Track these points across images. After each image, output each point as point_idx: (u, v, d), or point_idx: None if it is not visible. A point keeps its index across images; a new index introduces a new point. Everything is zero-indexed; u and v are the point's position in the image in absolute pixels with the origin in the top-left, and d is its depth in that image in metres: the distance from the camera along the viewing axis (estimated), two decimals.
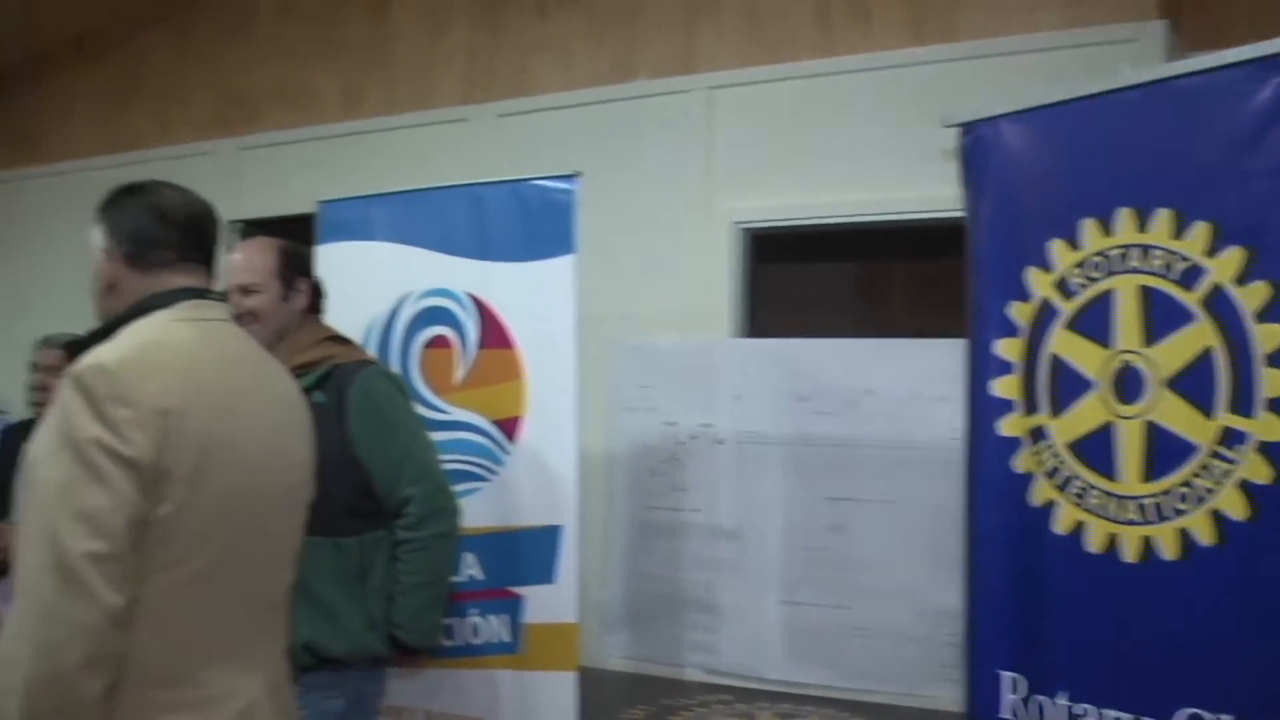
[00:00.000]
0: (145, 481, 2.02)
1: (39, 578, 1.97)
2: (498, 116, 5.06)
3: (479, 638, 3.87)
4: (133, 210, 2.30)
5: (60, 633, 1.94)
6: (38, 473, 2.05)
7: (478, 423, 3.89)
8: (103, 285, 2.29)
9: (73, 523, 1.96)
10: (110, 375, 2.05)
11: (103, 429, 2.01)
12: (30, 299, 6.38)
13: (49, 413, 2.13)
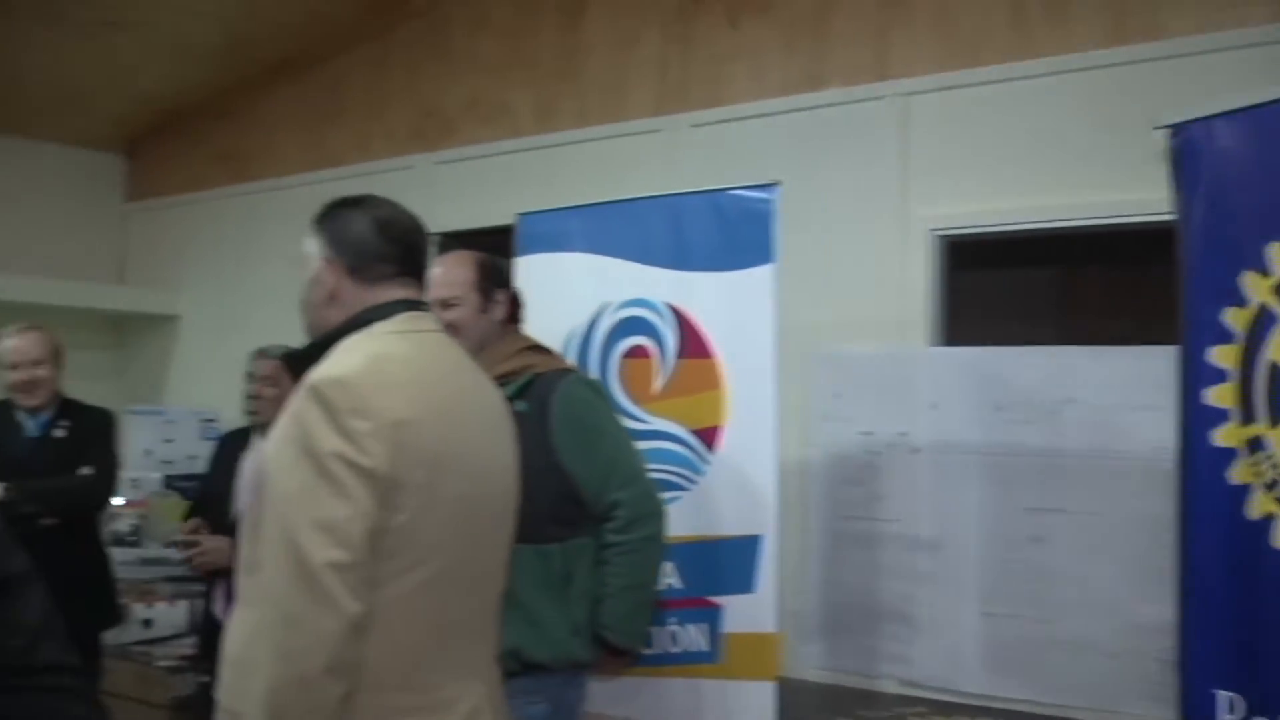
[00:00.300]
0: (382, 492, 2.07)
1: (280, 586, 2.03)
2: (690, 127, 5.08)
3: (677, 646, 3.89)
4: (354, 223, 2.36)
5: (304, 640, 2.00)
6: (275, 483, 2.11)
7: (677, 432, 3.91)
8: (322, 296, 2.35)
9: (315, 533, 2.02)
10: (348, 388, 2.10)
11: (342, 441, 2.06)
12: (239, 312, 6.61)
13: (279, 423, 2.20)
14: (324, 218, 2.38)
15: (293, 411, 2.14)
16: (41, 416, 4.72)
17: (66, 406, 4.81)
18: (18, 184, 6.96)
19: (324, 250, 2.35)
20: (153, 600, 5.77)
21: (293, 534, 2.03)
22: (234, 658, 2.21)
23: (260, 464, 2.20)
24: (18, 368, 4.65)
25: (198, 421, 6.39)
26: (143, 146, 7.38)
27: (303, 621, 2.00)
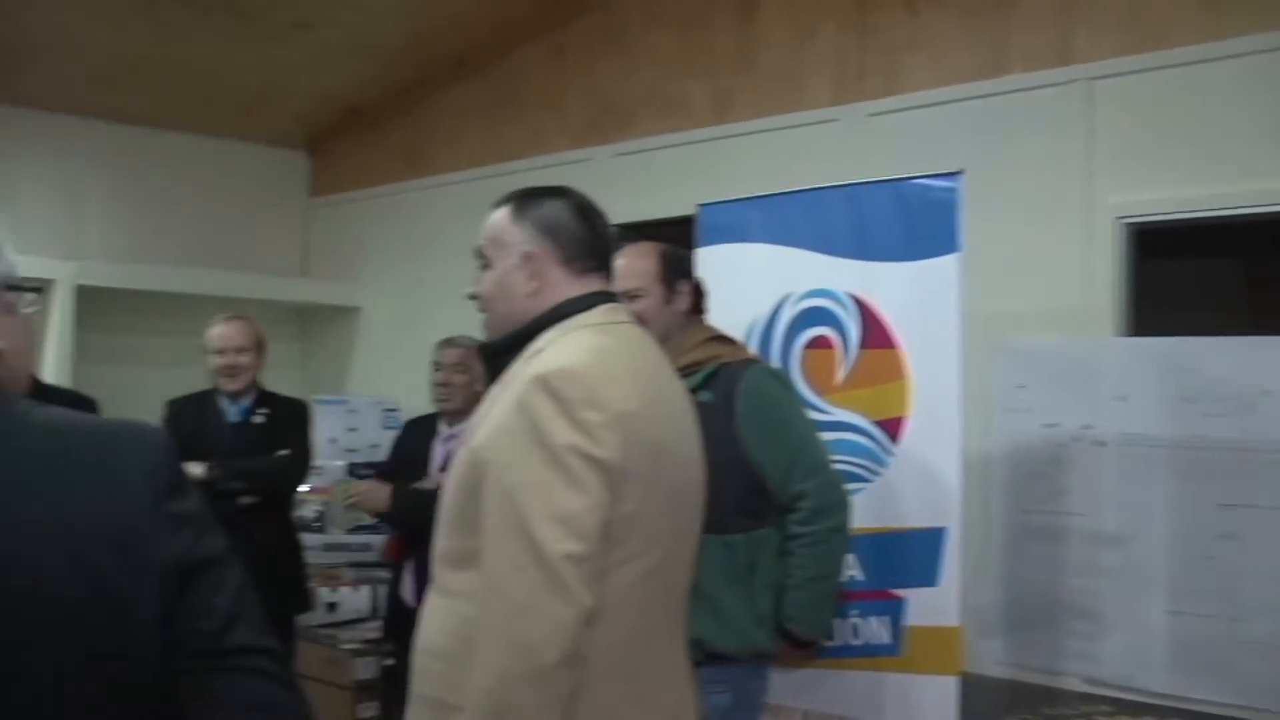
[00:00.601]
0: (612, 482, 2.08)
1: (512, 577, 2.03)
2: (867, 117, 5.04)
3: (859, 638, 3.87)
4: (561, 211, 2.35)
5: (539, 631, 2.00)
6: (502, 474, 2.11)
7: (859, 423, 3.89)
8: (527, 286, 2.32)
9: (551, 524, 2.02)
10: (579, 380, 2.12)
11: (576, 433, 2.07)
12: (419, 303, 6.75)
13: (492, 413, 2.21)
14: (527, 205, 2.36)
15: (517, 403, 2.13)
16: (242, 403, 4.95)
17: (265, 396, 5.02)
18: (208, 181, 7.20)
19: (532, 239, 2.33)
20: (337, 584, 5.94)
21: (527, 526, 2.03)
22: (439, 649, 2.22)
23: (472, 454, 2.21)
24: (223, 353, 4.89)
25: (380, 411, 6.54)
26: (325, 143, 7.57)
27: (539, 613, 2.00)
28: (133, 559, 1.35)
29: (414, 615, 2.41)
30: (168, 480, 1.41)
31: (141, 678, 1.35)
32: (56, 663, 1.30)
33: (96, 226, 6.84)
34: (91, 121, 6.79)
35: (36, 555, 1.30)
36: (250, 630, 1.43)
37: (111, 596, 1.32)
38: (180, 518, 1.40)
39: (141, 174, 7.00)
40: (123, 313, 6.63)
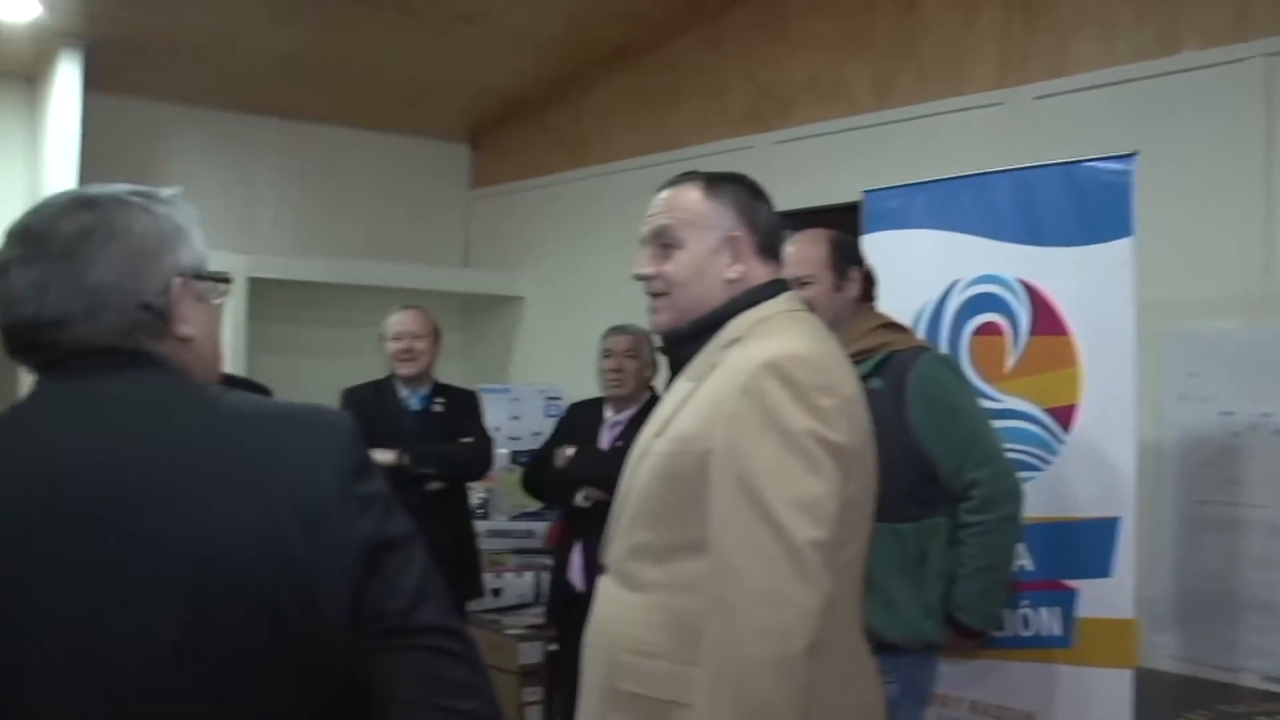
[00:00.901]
0: (844, 467, 2.08)
1: (754, 563, 2.01)
2: (1033, 99, 4.94)
3: (1029, 629, 3.81)
4: (755, 197, 2.35)
5: (788, 618, 1.98)
6: (737, 462, 2.07)
7: (1030, 411, 3.83)
8: (727, 271, 2.29)
9: (795, 511, 2.01)
10: (811, 365, 2.11)
11: (812, 418, 2.06)
12: (580, 293, 6.81)
13: (704, 401, 2.17)
14: (721, 187, 2.33)
15: (741, 389, 2.10)
16: (421, 391, 5.08)
17: (439, 386, 5.14)
18: (374, 175, 7.35)
19: (734, 222, 2.31)
20: (501, 570, 6.02)
21: (771, 512, 2.01)
22: (649, 645, 2.19)
23: (679, 444, 2.18)
24: (399, 339, 5.03)
25: (543, 399, 6.62)
26: (486, 135, 7.67)
27: (788, 600, 1.98)
28: (323, 539, 1.39)
29: (582, 600, 2.42)
30: (355, 463, 1.45)
31: (330, 656, 1.40)
32: (251, 637, 1.35)
33: (268, 220, 7.04)
34: (263, 118, 7.00)
35: (234, 535, 1.35)
36: (436, 610, 1.46)
37: (302, 576, 1.37)
38: (367, 499, 1.44)
39: (310, 169, 7.18)
40: (291, 304, 6.80)
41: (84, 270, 1.44)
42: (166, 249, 1.50)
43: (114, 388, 1.43)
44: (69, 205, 1.48)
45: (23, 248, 1.46)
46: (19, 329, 1.46)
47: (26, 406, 1.45)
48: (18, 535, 1.34)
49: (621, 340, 5.03)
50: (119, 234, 1.46)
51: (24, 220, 1.49)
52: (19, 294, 1.44)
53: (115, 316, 1.45)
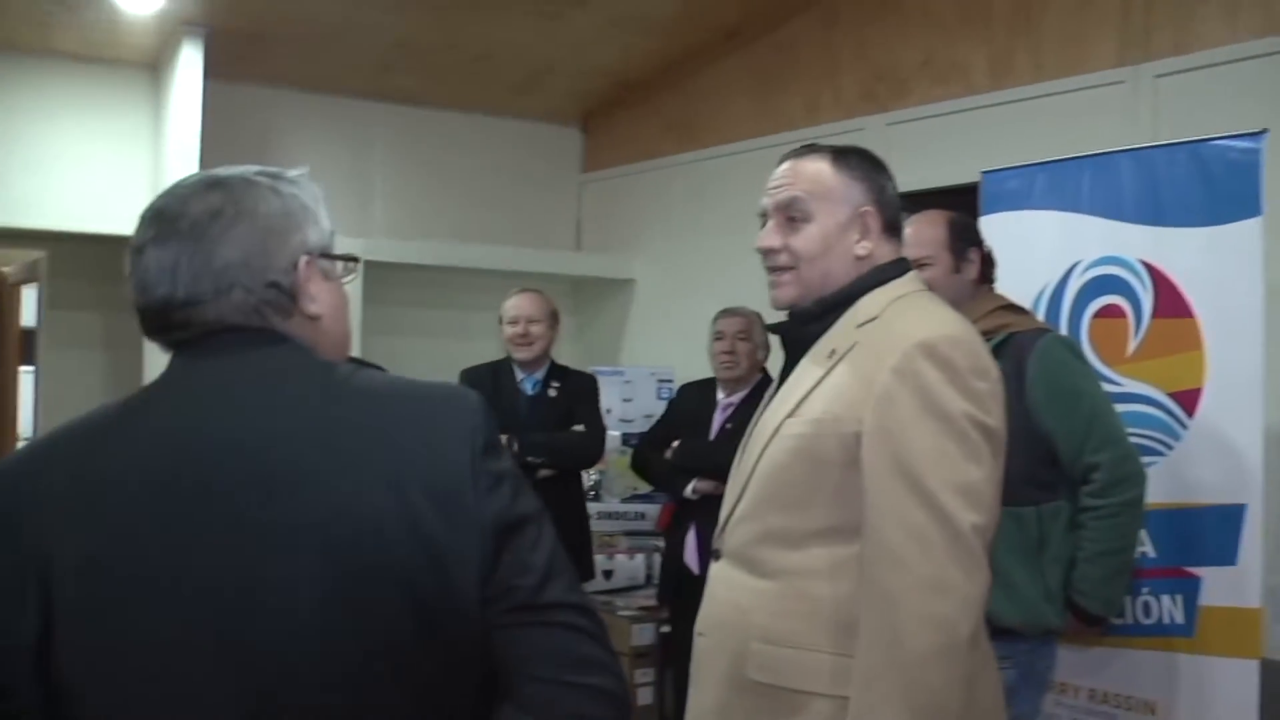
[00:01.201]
0: (998, 451, 2.06)
1: (918, 550, 1.97)
2: (1154, 77, 4.84)
3: (1150, 618, 3.74)
4: (883, 174, 2.29)
5: (954, 606, 1.94)
6: (891, 445, 2.03)
7: (1152, 395, 3.76)
8: (857, 247, 2.24)
9: (958, 496, 1.97)
10: (965, 347, 2.08)
11: (969, 402, 2.02)
12: (692, 275, 6.81)
13: (842, 384, 2.13)
14: (850, 161, 2.27)
15: (893, 371, 2.06)
16: (536, 375, 5.09)
17: (556, 369, 5.15)
18: (487, 159, 7.40)
19: (868, 199, 2.25)
20: (613, 552, 6.04)
21: (935, 498, 1.97)
22: (785, 634, 2.15)
23: (817, 426, 2.13)
24: (516, 322, 5.04)
25: (655, 381, 6.63)
26: (598, 119, 7.69)
27: (953, 588, 1.94)
28: (455, 516, 1.40)
29: (697, 582, 2.39)
30: (485, 440, 1.45)
31: (459, 631, 1.40)
32: (386, 616, 1.36)
33: (382, 204, 7.13)
34: (377, 104, 7.08)
35: (370, 515, 1.36)
36: (565, 587, 1.47)
37: (434, 551, 1.38)
38: (498, 477, 1.45)
39: (424, 153, 7.25)
40: (403, 286, 6.87)
41: (213, 250, 1.46)
42: (294, 228, 1.52)
43: (246, 365, 1.46)
44: (199, 186, 1.50)
45: (155, 229, 1.48)
46: (153, 310, 1.49)
47: (163, 385, 1.48)
48: (158, 510, 1.36)
49: (733, 322, 5.02)
50: (247, 214, 1.48)
51: (156, 203, 1.51)
52: (153, 275, 1.47)
53: (244, 295, 1.47)
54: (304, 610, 1.33)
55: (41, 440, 1.48)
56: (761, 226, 2.32)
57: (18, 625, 1.35)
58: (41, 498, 1.38)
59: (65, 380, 6.91)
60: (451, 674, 1.42)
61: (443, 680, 1.41)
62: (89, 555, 1.35)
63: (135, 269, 1.49)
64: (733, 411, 4.95)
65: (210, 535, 1.34)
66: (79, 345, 6.93)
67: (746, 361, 4.97)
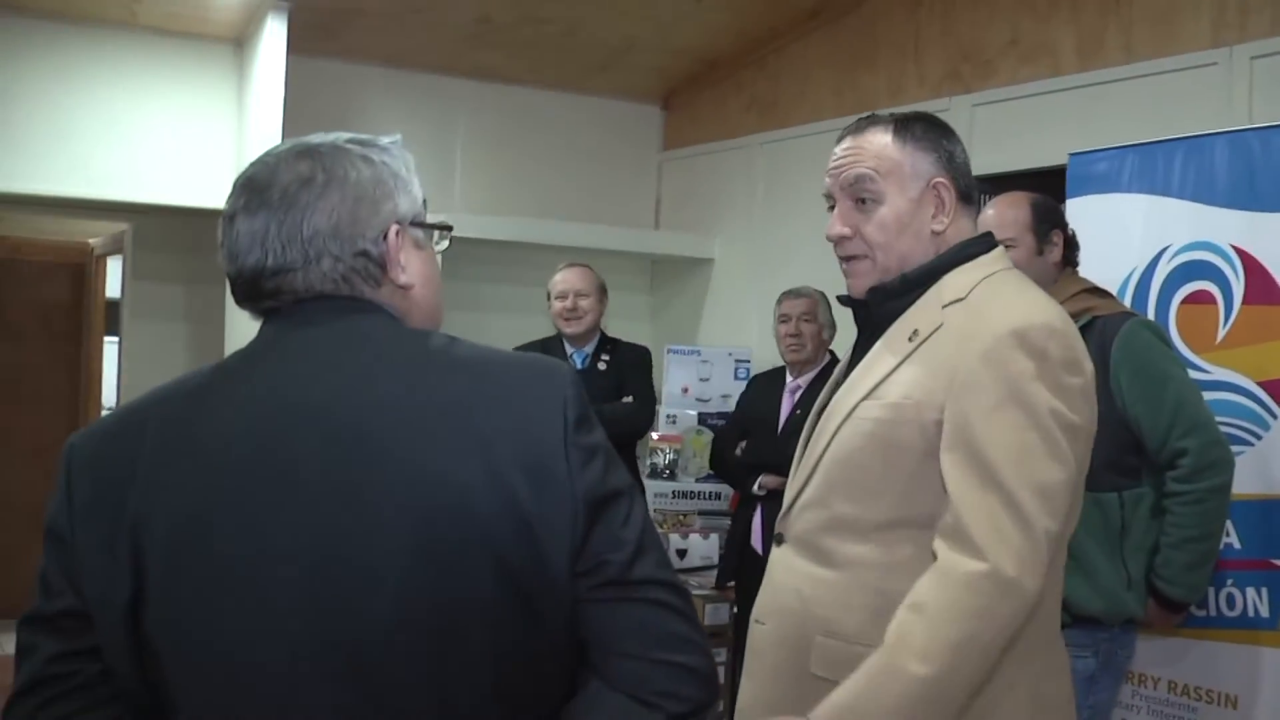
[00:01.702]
0: (1087, 451, 1.98)
1: (991, 540, 1.88)
2: (1250, 59, 4.72)
3: (1234, 610, 3.68)
4: (955, 144, 2.17)
5: (1012, 610, 1.88)
6: (973, 435, 1.94)
7: (1241, 383, 3.68)
8: (932, 221, 2.13)
9: (1036, 497, 1.89)
10: (1061, 339, 1.97)
11: (1057, 398, 1.93)
12: (771, 255, 6.76)
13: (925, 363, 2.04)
14: (915, 130, 2.15)
15: (983, 357, 1.96)
16: (585, 349, 5.09)
17: (607, 342, 5.15)
18: (566, 136, 7.39)
19: (940, 169, 2.13)
20: (687, 531, 6.03)
21: (1015, 496, 1.89)
22: (831, 625, 2.08)
23: (896, 411, 2.04)
24: (564, 296, 5.04)
25: (732, 361, 6.60)
26: (679, 97, 7.65)
27: (1020, 590, 1.87)
28: (547, 489, 1.39)
29: (763, 564, 2.31)
30: (578, 413, 1.44)
31: (548, 603, 1.40)
32: (471, 578, 1.36)
33: (462, 180, 7.14)
34: (458, 80, 7.09)
35: (462, 486, 1.36)
36: (655, 563, 1.46)
37: (525, 523, 1.37)
38: (591, 450, 1.44)
39: (503, 129, 7.25)
40: (480, 262, 6.89)
41: (303, 218, 1.46)
42: (385, 196, 1.52)
43: (335, 333, 1.46)
44: (289, 154, 1.51)
45: (246, 198, 1.49)
46: (244, 278, 1.50)
47: (253, 352, 1.49)
48: (248, 474, 1.37)
49: (798, 304, 5.01)
50: (337, 181, 1.48)
51: (248, 171, 1.52)
52: (243, 243, 1.48)
53: (333, 263, 1.47)
54: (390, 576, 1.34)
55: (136, 403, 1.50)
56: (829, 210, 2.21)
57: (113, 585, 1.37)
58: (136, 459, 1.40)
59: (148, 352, 7.00)
60: (539, 646, 1.41)
61: (529, 652, 1.41)
62: (180, 517, 1.37)
63: (226, 237, 1.51)
64: (801, 395, 4.95)
65: (299, 501, 1.36)
66: (162, 317, 7.02)
67: (812, 343, 4.96)
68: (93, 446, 1.46)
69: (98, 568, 1.39)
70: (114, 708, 1.43)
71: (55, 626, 1.42)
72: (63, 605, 1.42)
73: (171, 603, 1.36)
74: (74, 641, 1.42)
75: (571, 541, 1.40)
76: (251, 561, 1.35)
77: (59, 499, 1.44)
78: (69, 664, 1.42)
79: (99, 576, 1.39)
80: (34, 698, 1.41)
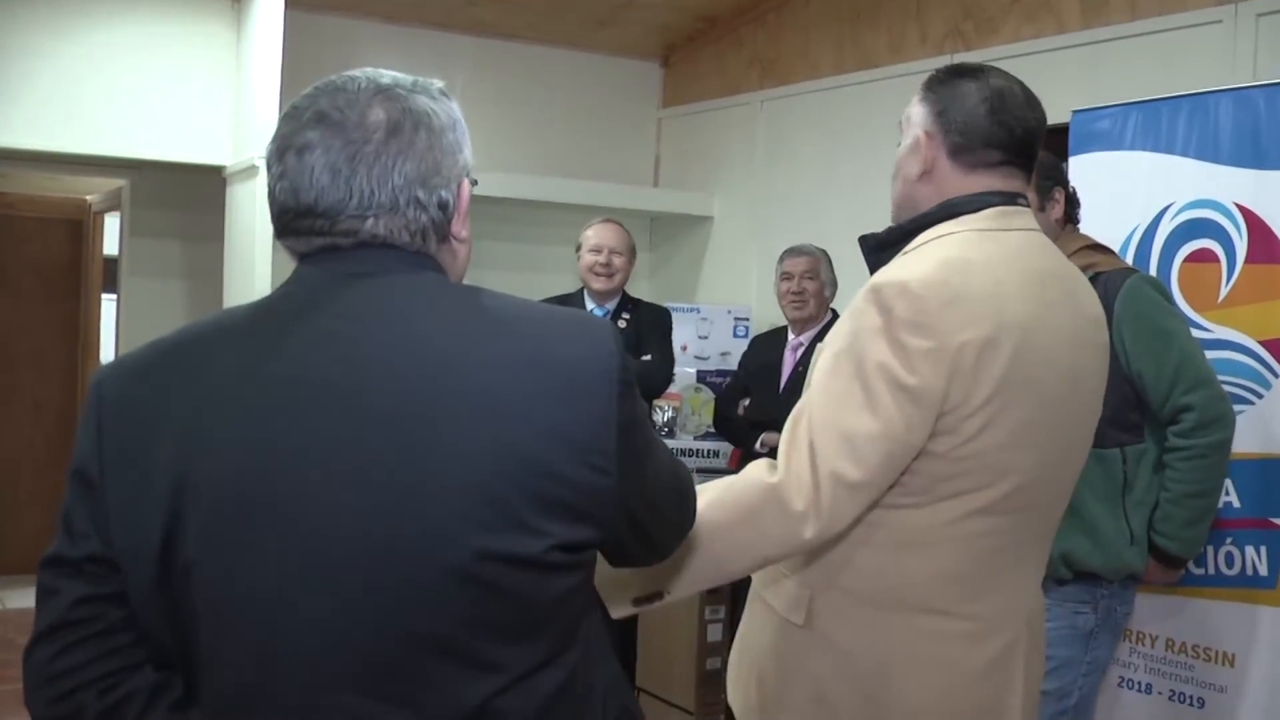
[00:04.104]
0: (925, 415, 1.95)
1: (786, 474, 1.98)
2: (1256, 16, 4.69)
3: (1232, 568, 3.69)
4: (968, 97, 2.12)
5: (782, 530, 1.98)
6: (816, 374, 2.05)
7: (1242, 342, 3.67)
8: (915, 172, 2.16)
9: (834, 441, 1.95)
10: (914, 300, 1.96)
11: (892, 354, 1.95)
12: (770, 213, 6.74)
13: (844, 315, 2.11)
14: (937, 84, 2.17)
15: (852, 307, 2.05)
16: (607, 306, 5.08)
17: (628, 301, 5.15)
18: (565, 93, 7.34)
19: (927, 121, 2.15)
20: None
21: (813, 434, 1.97)
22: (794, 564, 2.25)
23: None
24: (599, 251, 5.02)
25: (731, 319, 6.59)
26: (679, 53, 7.60)
27: (793, 515, 1.97)
28: (593, 451, 1.40)
29: None
30: (621, 371, 1.44)
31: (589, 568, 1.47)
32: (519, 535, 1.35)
33: None
34: (456, 35, 7.04)
35: (514, 440, 1.35)
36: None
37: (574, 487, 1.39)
38: (634, 408, 1.45)
39: (503, 86, 7.20)
40: (481, 220, 6.82)
41: (395, 163, 1.42)
42: (461, 144, 1.50)
43: (402, 288, 1.43)
44: (368, 93, 1.46)
45: (322, 132, 1.43)
46: (312, 212, 1.44)
47: (307, 296, 1.44)
48: (300, 425, 1.35)
49: (800, 261, 5.01)
50: (424, 127, 1.45)
51: (312, 104, 1.46)
52: (321, 178, 1.42)
53: (417, 212, 1.44)
54: (452, 530, 1.33)
55: (170, 341, 1.45)
56: None
57: (145, 531, 1.36)
58: (176, 401, 1.37)
59: (146, 309, 6.98)
60: (580, 601, 1.47)
61: (568, 612, 1.44)
62: (232, 467, 1.34)
63: (288, 168, 1.44)
64: (802, 352, 4.95)
65: (360, 456, 1.33)
66: (160, 274, 7.00)
67: (815, 301, 4.96)
68: (125, 385, 1.42)
69: (130, 513, 1.37)
70: (135, 654, 1.42)
71: (79, 570, 1.41)
72: (87, 550, 1.40)
73: (214, 547, 1.35)
74: (98, 585, 1.40)
75: (616, 506, 1.43)
76: (305, 511, 1.33)
77: (88, 440, 1.41)
78: (93, 608, 1.40)
79: (130, 522, 1.37)
80: (55, 642, 1.40)
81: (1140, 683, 3.83)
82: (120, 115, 5.92)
